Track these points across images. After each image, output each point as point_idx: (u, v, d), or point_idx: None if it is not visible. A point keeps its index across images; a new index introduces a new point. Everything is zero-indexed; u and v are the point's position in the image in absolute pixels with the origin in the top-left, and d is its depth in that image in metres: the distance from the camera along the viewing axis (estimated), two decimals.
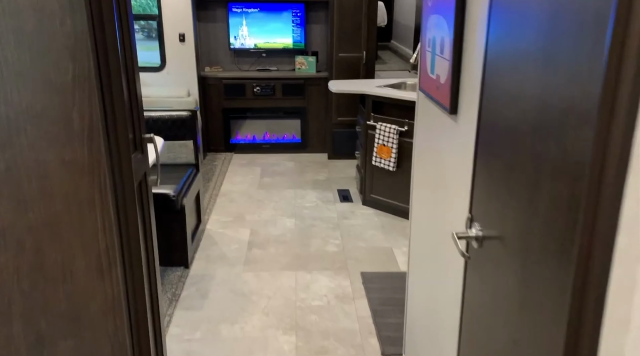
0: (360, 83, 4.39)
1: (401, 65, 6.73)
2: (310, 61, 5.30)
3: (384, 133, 3.81)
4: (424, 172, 2.15)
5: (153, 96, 4.82)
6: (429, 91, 1.88)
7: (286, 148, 5.50)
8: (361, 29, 4.92)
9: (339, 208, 4.14)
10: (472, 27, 1.52)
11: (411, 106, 3.64)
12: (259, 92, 5.21)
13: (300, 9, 5.19)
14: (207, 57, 5.36)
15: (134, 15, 5.31)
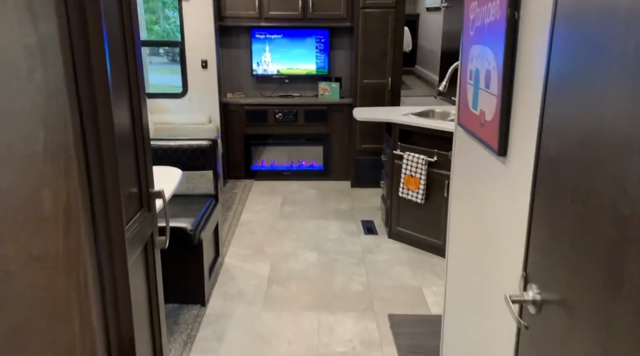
0: (385, 111, 4.23)
1: (426, 90, 6.57)
2: (333, 87, 5.19)
3: (412, 163, 3.63)
4: (463, 214, 1.96)
5: (174, 123, 4.75)
6: (471, 128, 1.70)
7: (308, 175, 5.35)
8: (386, 55, 4.79)
9: (364, 240, 3.94)
10: (526, 59, 1.35)
11: (440, 135, 3.47)
12: (281, 119, 5.10)
13: (324, 35, 5.09)
14: (229, 83, 5.29)
15: (156, 42, 5.29)
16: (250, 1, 4.83)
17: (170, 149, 3.24)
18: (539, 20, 1.28)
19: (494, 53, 1.46)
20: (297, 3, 4.85)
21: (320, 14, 4.90)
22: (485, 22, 1.53)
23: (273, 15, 4.89)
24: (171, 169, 2.75)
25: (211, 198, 3.34)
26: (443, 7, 5.72)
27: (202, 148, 3.27)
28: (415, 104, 5.61)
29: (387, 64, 4.81)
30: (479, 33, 1.59)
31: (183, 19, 4.67)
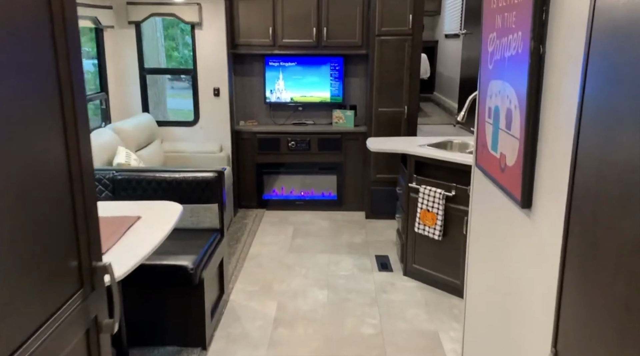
0: (401, 141, 4.06)
1: (444, 118, 6.40)
2: (348, 115, 5.05)
3: (429, 198, 3.44)
4: (483, 264, 1.76)
5: (184, 152, 4.65)
6: (490, 172, 1.52)
7: (321, 205, 5.18)
8: (403, 83, 4.65)
9: (377, 278, 3.73)
10: (553, 97, 1.18)
11: (459, 168, 3.28)
12: (294, 147, 4.97)
13: (338, 62, 4.98)
14: (242, 110, 5.19)
15: (167, 70, 5.23)
16: (264, 29, 4.76)
17: (175, 181, 3.12)
18: (568, 54, 1.11)
19: (516, 90, 1.29)
20: (312, 31, 4.77)
21: (335, 41, 4.80)
22: (505, 55, 1.36)
23: (287, 43, 4.81)
24: (170, 204, 2.61)
25: (216, 233, 3.19)
26: (462, 34, 5.58)
27: (208, 180, 3.13)
28: (433, 132, 5.43)
29: (403, 92, 4.67)
30: (499, 67, 1.42)
31: (196, 46, 4.62)
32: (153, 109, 6.64)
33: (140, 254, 2.03)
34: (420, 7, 4.52)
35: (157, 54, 6.66)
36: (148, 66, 6.23)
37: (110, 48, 4.49)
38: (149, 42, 6.55)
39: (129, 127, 4.08)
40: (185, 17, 4.48)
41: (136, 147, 4.11)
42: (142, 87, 4.68)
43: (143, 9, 4.44)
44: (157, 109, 6.73)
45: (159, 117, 6.34)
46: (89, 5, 4.03)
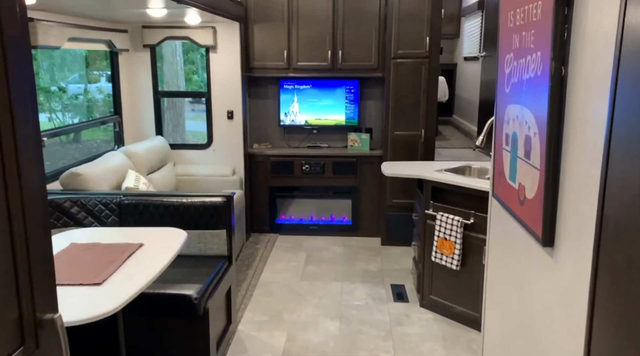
0: (417, 166, 3.94)
1: (464, 142, 6.25)
2: (363, 138, 4.95)
3: (446, 225, 3.29)
4: (502, 301, 1.61)
5: (197, 175, 4.60)
6: (509, 204, 1.39)
7: (335, 231, 5.05)
8: (420, 106, 4.54)
9: (392, 308, 3.57)
10: (577, 124, 1.05)
11: (478, 195, 3.13)
12: (308, 170, 4.88)
13: (354, 85, 4.91)
14: (256, 133, 5.14)
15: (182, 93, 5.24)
16: (279, 52, 4.73)
17: (182, 206, 3.04)
18: (594, 75, 0.99)
19: (535, 116, 1.17)
20: (327, 53, 4.72)
21: (350, 64, 4.74)
22: (523, 78, 1.25)
23: (302, 66, 4.77)
24: (174, 231, 2.53)
25: (224, 260, 3.09)
26: (481, 56, 5.48)
27: (216, 205, 3.04)
28: (452, 156, 5.29)
29: (420, 115, 4.56)
30: (517, 91, 1.31)
31: (210, 69, 4.60)
32: (172, 131, 6.69)
33: (138, 284, 1.94)
34: (437, 30, 4.43)
35: (176, 78, 6.72)
36: (168, 88, 6.31)
37: (125, 71, 4.51)
38: (169, 65, 6.63)
39: (141, 150, 4.05)
40: (200, 40, 4.47)
41: (148, 170, 4.07)
42: (156, 110, 4.67)
43: (158, 33, 4.46)
44: (175, 132, 6.77)
45: (177, 139, 6.37)
46: (105, 29, 4.05)
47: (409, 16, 4.40)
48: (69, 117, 7.09)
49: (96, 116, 6.57)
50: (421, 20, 4.40)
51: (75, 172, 3.19)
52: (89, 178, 3.22)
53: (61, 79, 6.90)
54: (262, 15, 4.68)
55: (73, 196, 3.04)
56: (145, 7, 3.40)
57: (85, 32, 3.74)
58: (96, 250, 2.27)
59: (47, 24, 3.21)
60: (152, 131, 4.70)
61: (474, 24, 6.55)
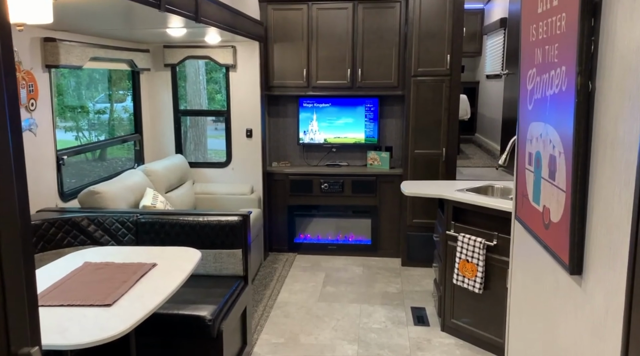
0: (438, 185, 3.84)
1: (486, 160, 6.12)
2: (383, 157, 4.88)
3: (468, 247, 3.18)
4: (526, 329, 1.51)
5: (215, 193, 4.59)
6: (532, 227, 1.31)
7: (354, 250, 4.96)
8: (440, 124, 4.46)
9: (413, 332, 3.45)
10: (606, 142, 0.98)
11: (501, 215, 3.03)
12: (327, 189, 4.82)
13: (373, 103, 4.87)
14: (275, 152, 5.13)
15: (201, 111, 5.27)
16: (298, 70, 4.73)
17: (198, 225, 3.01)
18: (624, 91, 0.92)
19: (560, 134, 1.10)
20: (346, 72, 4.70)
21: (370, 82, 4.71)
22: (547, 94, 1.18)
23: (321, 84, 4.75)
24: (188, 251, 2.49)
25: (239, 280, 3.04)
26: (503, 74, 5.39)
27: (232, 225, 3.01)
28: (474, 175, 5.18)
29: (441, 133, 4.48)
30: (540, 107, 1.24)
31: (230, 88, 4.62)
32: (194, 149, 6.75)
33: (148, 307, 1.90)
34: (458, 47, 4.38)
35: (199, 96, 6.80)
36: (190, 107, 6.37)
37: (145, 90, 4.56)
38: (192, 84, 6.72)
39: (160, 168, 4.06)
40: (220, 59, 4.51)
41: (166, 188, 4.07)
42: (175, 128, 4.70)
43: (179, 52, 4.51)
44: (197, 150, 6.82)
45: (199, 158, 6.42)
46: (127, 49, 4.11)
47: (430, 34, 4.36)
48: (94, 136, 7.22)
49: (120, 134, 6.67)
50: (442, 38, 4.36)
51: (94, 190, 3.20)
52: (106, 196, 3.22)
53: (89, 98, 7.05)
54: (281, 34, 4.70)
55: (90, 214, 3.04)
56: (164, 27, 3.43)
57: (107, 52, 3.80)
58: (109, 270, 2.25)
59: (69, 44, 3.26)
60: (172, 149, 4.73)
61: (496, 42, 6.47)
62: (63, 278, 2.18)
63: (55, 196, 3.30)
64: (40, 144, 3.13)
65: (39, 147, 3.13)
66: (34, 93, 3.04)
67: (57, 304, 1.90)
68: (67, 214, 3.02)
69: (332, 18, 4.63)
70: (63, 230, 2.95)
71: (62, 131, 6.47)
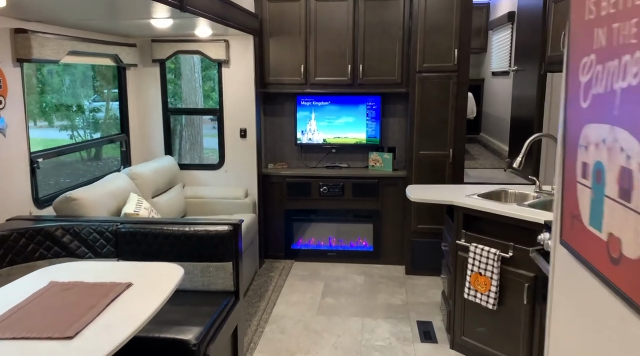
0: (446, 189, 3.56)
1: (493, 161, 5.84)
2: (386, 158, 4.61)
3: (481, 258, 2.90)
4: None
5: (207, 197, 4.30)
6: (589, 258, 1.02)
7: (355, 257, 4.68)
8: (447, 124, 4.18)
9: (419, 350, 3.17)
10: None
11: (518, 225, 2.75)
12: (326, 192, 4.54)
13: (376, 101, 4.59)
14: (271, 153, 4.85)
15: (196, 110, 4.99)
16: (296, 67, 4.45)
17: (184, 236, 2.73)
18: None
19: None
20: (346, 68, 4.41)
21: (372, 79, 4.42)
22: (615, 87, 0.90)
23: (320, 81, 4.47)
24: (169, 267, 2.20)
25: (230, 296, 2.75)
26: (512, 71, 5.11)
27: (222, 235, 2.72)
28: (482, 177, 4.89)
29: (447, 133, 4.19)
30: (602, 105, 0.96)
31: (222, 85, 4.34)
32: (189, 149, 6.46)
33: (116, 339, 1.61)
34: (466, 41, 4.10)
35: (194, 94, 6.50)
36: (186, 105, 6.07)
37: (133, 87, 4.28)
38: (187, 82, 6.42)
39: (146, 171, 3.77)
40: (212, 54, 4.22)
41: (153, 193, 3.79)
42: (165, 128, 4.41)
43: (168, 47, 4.22)
44: (193, 150, 6.53)
45: (194, 159, 6.13)
46: (112, 43, 3.83)
47: (436, 27, 4.07)
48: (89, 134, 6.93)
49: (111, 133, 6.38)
50: (449, 32, 4.07)
51: (70, 196, 2.92)
52: (84, 202, 2.94)
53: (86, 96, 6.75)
54: (278, 28, 4.41)
55: (66, 224, 2.76)
56: (149, 17, 3.14)
57: (89, 46, 3.51)
58: (77, 291, 1.97)
59: (43, 36, 2.98)
60: (161, 150, 4.44)
61: (503, 37, 6.19)
62: (23, 301, 1.90)
63: (29, 203, 3.02)
64: (10, 146, 2.85)
65: (9, 150, 2.84)
66: (2, 90, 2.76)
67: (9, 337, 1.62)
68: (40, 224, 2.73)
69: (332, 11, 4.35)
70: (35, 241, 2.67)
71: (57, 130, 6.22)
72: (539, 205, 3.00)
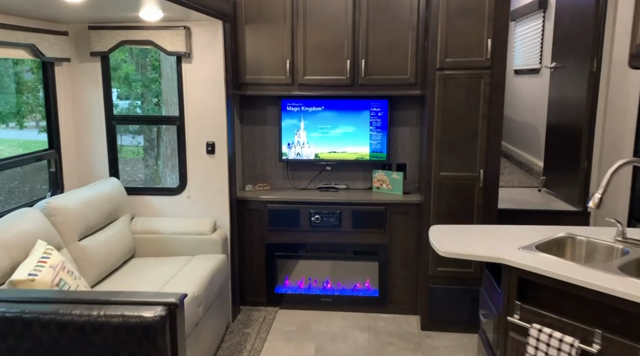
0: (486, 234, 2.55)
1: (521, 178, 4.86)
2: (395, 178, 3.62)
3: (548, 349, 1.91)
4: None
5: (163, 232, 3.30)
6: None
7: (356, 304, 3.69)
8: (477, 137, 3.20)
9: None
10: None
11: (607, 303, 1.78)
12: (319, 222, 3.56)
13: (382, 106, 3.60)
14: (250, 171, 3.86)
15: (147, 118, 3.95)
16: (280, 62, 3.46)
17: (89, 325, 1.73)
18: None
19: None
20: (344, 64, 3.43)
21: (377, 78, 3.44)
22: None
23: (311, 81, 3.48)
24: None
25: None
26: (550, 68, 4.13)
27: (146, 325, 1.73)
28: (514, 200, 3.91)
29: (477, 149, 3.21)
30: None
31: (183, 86, 3.34)
32: (145, 168, 5.44)
33: None
34: (503, 27, 3.12)
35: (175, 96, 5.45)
36: (167, 111, 5.01)
37: (65, 89, 3.27)
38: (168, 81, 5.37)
39: (73, 203, 2.77)
40: (168, 45, 3.22)
41: (83, 232, 2.79)
42: (109, 141, 3.41)
43: (110, 36, 3.21)
44: (149, 168, 5.52)
45: (173, 178, 5.10)
46: (25, 29, 2.82)
47: (463, 10, 3.09)
48: None
49: None
50: (480, 15, 3.09)
51: None
52: None
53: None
54: (256, 12, 3.43)
55: None
56: None
57: None
58: None
59: None
60: (105, 170, 3.44)
61: (531, 28, 5.21)
62: None
63: None
64: None
65: None
66: None
67: None
68: None
69: None
70: None
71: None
72: (633, 266, 2.02)
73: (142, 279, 2.85)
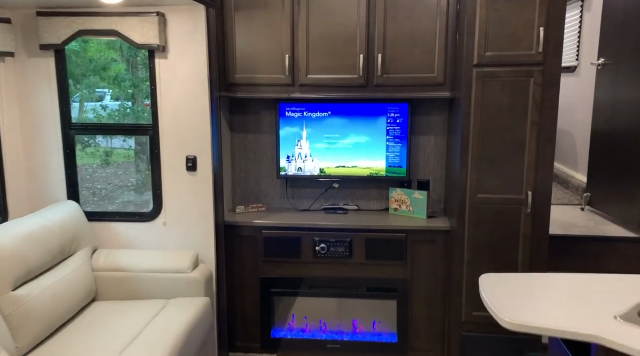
0: (558, 288, 1.91)
1: (557, 193, 4.21)
2: (416, 198, 2.99)
3: None
4: None
5: (131, 270, 2.65)
6: None
7: (371, 352, 3.06)
8: (525, 150, 2.55)
9: None
10: None
11: None
12: (325, 252, 2.92)
13: (401, 111, 2.97)
14: (242, 189, 3.23)
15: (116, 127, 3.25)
16: (277, 58, 2.83)
17: None
18: None
19: None
20: (356, 60, 2.79)
21: (397, 77, 2.81)
22: None
23: (315, 81, 2.85)
24: None
25: None
26: (597, 65, 3.51)
27: None
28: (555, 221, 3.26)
29: (524, 166, 2.57)
30: None
31: (157, 86, 2.70)
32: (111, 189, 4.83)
33: None
34: (559, 13, 2.48)
35: None
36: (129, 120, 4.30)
37: (9, 90, 2.63)
38: None
39: (6, 241, 2.12)
40: (136, 36, 2.58)
41: (21, 278, 2.15)
42: (66, 155, 2.77)
43: (64, 24, 2.57)
44: (119, 189, 4.94)
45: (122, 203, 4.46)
46: None
47: None
48: None
49: None
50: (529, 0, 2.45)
51: None
52: None
53: None
54: None
55: None
56: None
57: None
58: None
59: None
60: (63, 191, 2.79)
61: (568, 20, 4.57)
62: None
63: None
64: None
65: None
66: None
67: None
68: None
69: None
70: None
71: None
72: None
73: (97, 338, 2.20)
